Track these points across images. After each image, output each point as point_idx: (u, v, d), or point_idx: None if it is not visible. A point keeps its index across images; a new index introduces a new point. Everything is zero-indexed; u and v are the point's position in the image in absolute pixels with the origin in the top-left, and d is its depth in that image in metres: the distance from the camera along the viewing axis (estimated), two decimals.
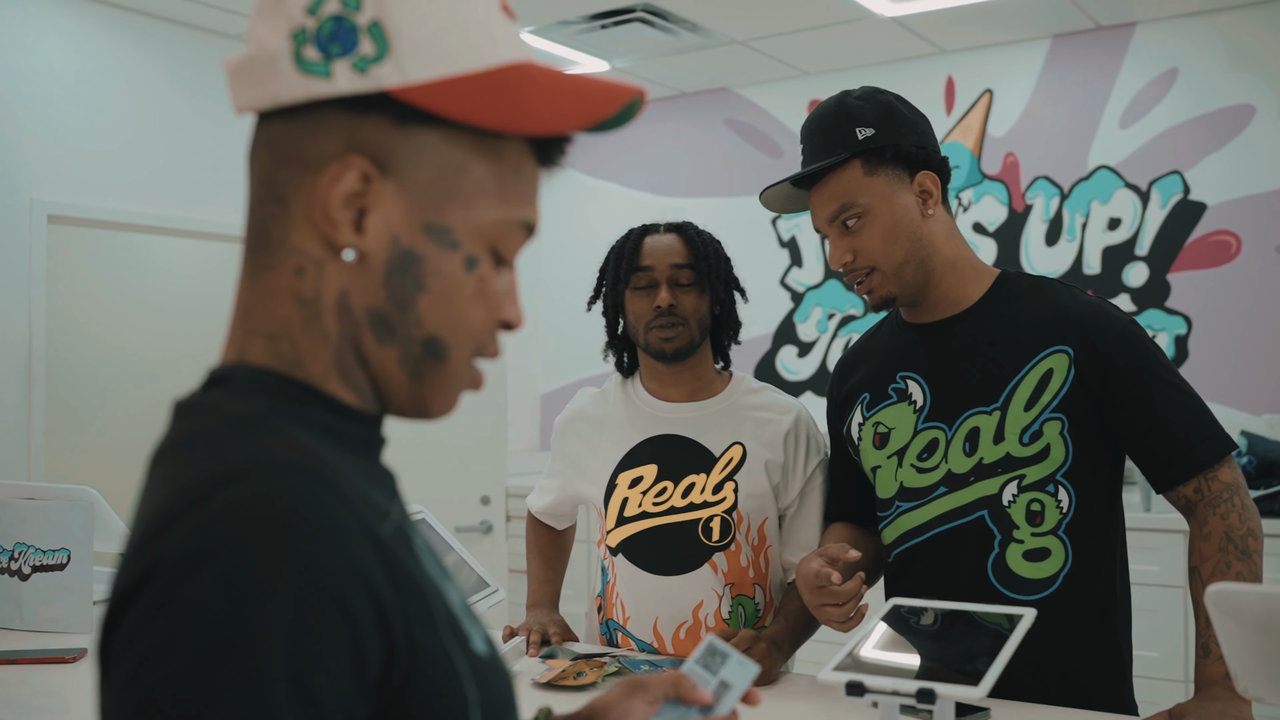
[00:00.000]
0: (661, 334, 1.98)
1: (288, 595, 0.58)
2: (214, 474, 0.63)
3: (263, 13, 0.73)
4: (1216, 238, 4.42)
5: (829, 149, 1.72)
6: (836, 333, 5.29)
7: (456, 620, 0.69)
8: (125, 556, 0.64)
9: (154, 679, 0.57)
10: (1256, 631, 1.13)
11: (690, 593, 1.97)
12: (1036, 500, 1.69)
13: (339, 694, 0.60)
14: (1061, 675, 1.69)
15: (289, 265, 0.72)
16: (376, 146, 0.72)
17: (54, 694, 1.77)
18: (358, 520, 0.64)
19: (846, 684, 1.23)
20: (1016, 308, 1.75)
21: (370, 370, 0.75)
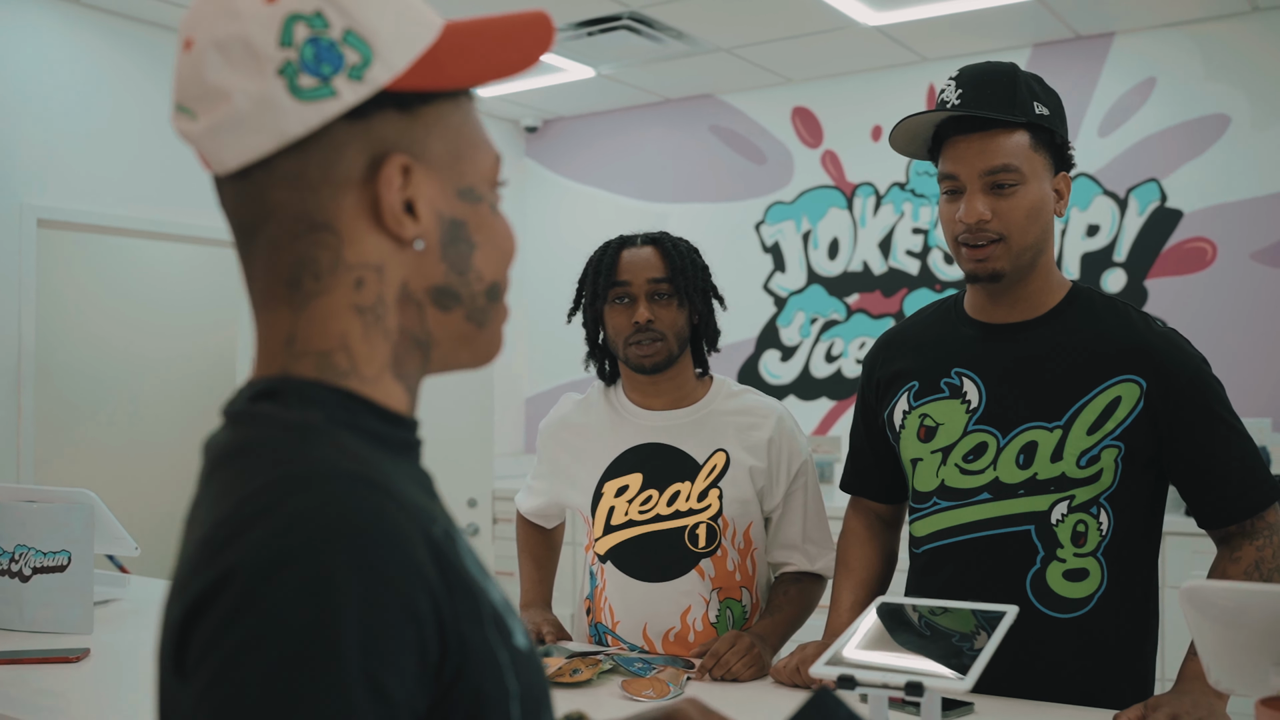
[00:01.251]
0: (640, 350, 2.00)
1: (359, 599, 0.62)
2: (279, 483, 0.66)
3: (230, 68, 0.73)
4: (1192, 244, 4.50)
5: (1006, 106, 1.67)
6: (819, 337, 5.35)
7: (500, 616, 0.73)
8: (193, 564, 0.67)
9: (238, 681, 0.61)
10: (1226, 626, 1.19)
11: (678, 598, 2.01)
12: (1082, 521, 1.70)
13: (407, 689, 0.64)
14: (1084, 694, 1.71)
15: (346, 282, 0.76)
16: (395, 140, 0.76)
17: (55, 693, 1.80)
18: (414, 524, 0.68)
19: (838, 678, 1.28)
20: (1090, 326, 1.73)
21: (434, 345, 0.80)
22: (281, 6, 0.73)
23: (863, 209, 5.27)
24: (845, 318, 5.29)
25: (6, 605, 2.18)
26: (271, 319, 0.78)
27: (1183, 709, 1.49)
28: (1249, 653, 1.19)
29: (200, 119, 0.75)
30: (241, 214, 0.77)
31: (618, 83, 5.46)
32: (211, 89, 0.74)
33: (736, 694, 1.79)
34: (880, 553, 1.98)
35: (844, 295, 5.30)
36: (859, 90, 5.28)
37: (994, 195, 1.67)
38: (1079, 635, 1.70)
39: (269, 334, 0.78)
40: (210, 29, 0.74)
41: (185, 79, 0.76)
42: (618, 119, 5.98)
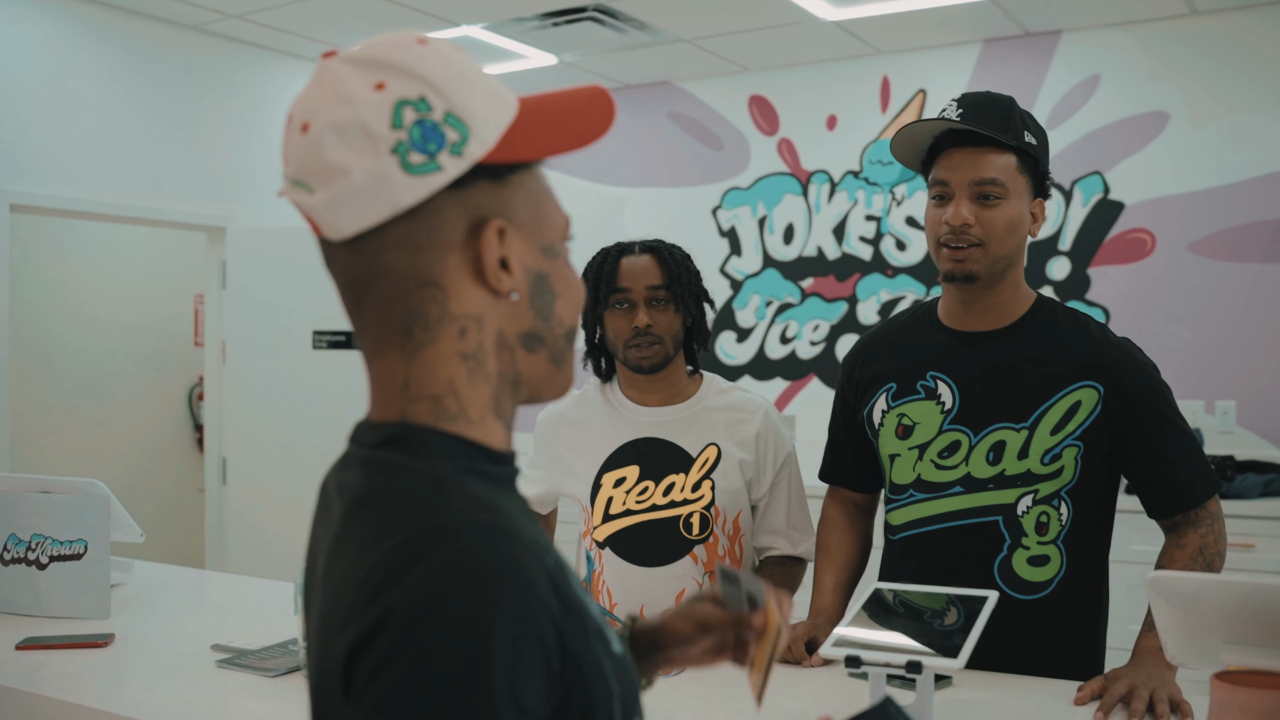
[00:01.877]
0: (639, 352, 2.15)
1: (503, 632, 0.74)
2: (426, 534, 0.78)
3: (347, 148, 0.84)
4: (1133, 235, 4.71)
5: (1003, 128, 1.83)
6: (774, 319, 5.51)
7: (600, 629, 0.86)
8: (351, 605, 0.78)
9: (405, 703, 0.73)
10: (1184, 610, 1.36)
11: (673, 582, 2.15)
12: (1045, 513, 1.88)
13: (539, 703, 0.76)
14: (1044, 666, 1.88)
15: (452, 332, 0.87)
16: (490, 206, 0.88)
17: (72, 676, 1.90)
18: (537, 563, 0.80)
19: (846, 658, 1.43)
20: (1053, 336, 1.90)
21: (522, 384, 0.92)
22: (390, 93, 0.84)
23: (817, 196, 5.43)
24: (800, 301, 5.46)
25: (23, 592, 2.27)
26: (386, 365, 0.89)
27: (1139, 680, 1.67)
28: (1203, 634, 1.36)
29: (318, 193, 0.85)
30: (353, 273, 0.88)
31: (579, 70, 5.56)
32: (331, 166, 0.84)
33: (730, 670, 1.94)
34: (857, 539, 2.15)
35: (799, 279, 5.47)
36: (815, 80, 5.43)
37: (979, 204, 1.84)
38: (1040, 615, 1.88)
39: (385, 378, 0.89)
40: (327, 114, 0.85)
41: (303, 157, 0.86)
42: None
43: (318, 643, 0.84)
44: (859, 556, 2.14)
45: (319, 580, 0.89)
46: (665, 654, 1.19)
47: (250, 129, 5.21)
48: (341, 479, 0.90)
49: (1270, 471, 4.16)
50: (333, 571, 0.84)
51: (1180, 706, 1.61)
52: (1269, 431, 4.44)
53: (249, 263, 5.07)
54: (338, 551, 0.84)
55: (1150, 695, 1.62)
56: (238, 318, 5.08)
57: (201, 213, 4.99)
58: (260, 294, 5.06)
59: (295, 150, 0.87)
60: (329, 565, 0.86)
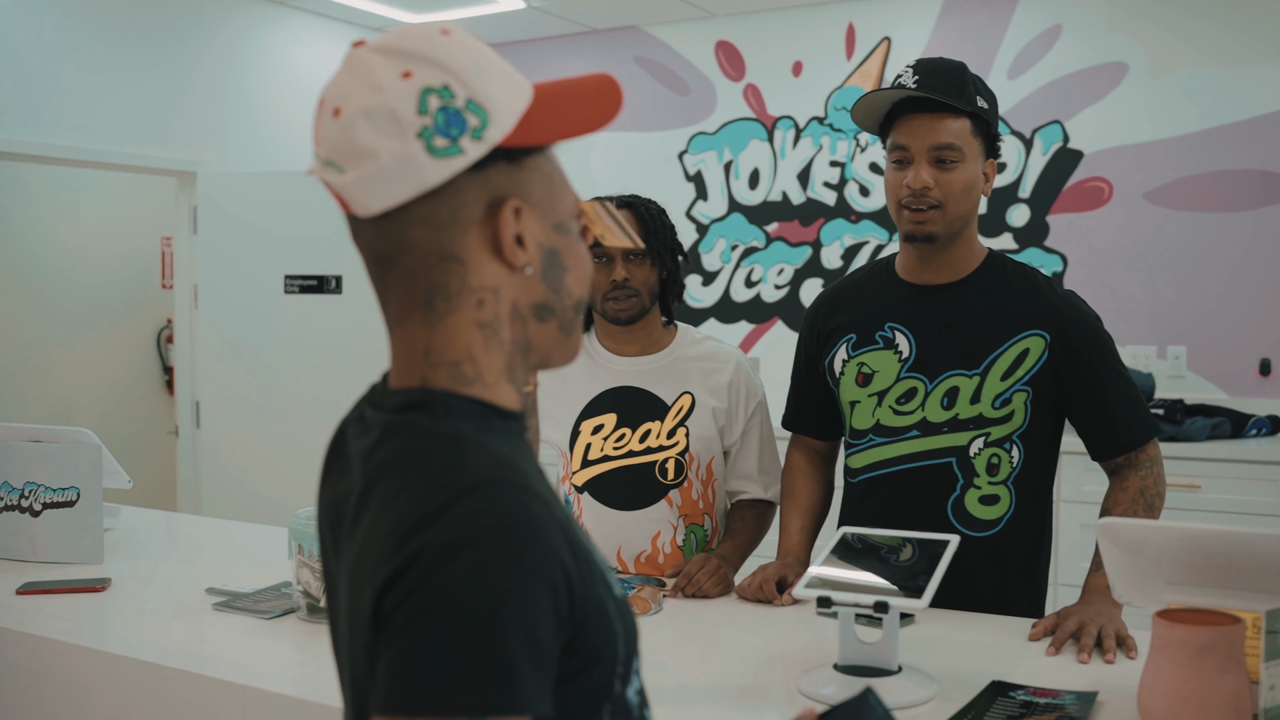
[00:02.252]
0: (616, 305, 2.23)
1: (518, 576, 0.82)
2: (451, 488, 0.85)
3: (377, 132, 0.90)
4: (1091, 183, 4.82)
5: (958, 95, 1.93)
6: (739, 263, 5.59)
7: (604, 574, 0.95)
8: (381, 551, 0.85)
9: (424, 625, 0.80)
10: (1130, 554, 1.47)
11: (649, 525, 2.26)
12: (996, 455, 2.00)
13: (550, 639, 0.84)
14: (993, 599, 2.02)
15: (470, 302, 0.95)
16: (507, 186, 0.95)
17: (73, 619, 1.97)
18: (550, 514, 0.88)
19: (818, 599, 1.54)
20: (1004, 288, 2.02)
21: (533, 351, 1.00)
22: (416, 81, 0.91)
23: (783, 141, 5.49)
24: (765, 245, 5.54)
25: (17, 538, 2.33)
26: (409, 334, 0.96)
27: (1088, 617, 1.79)
28: (1148, 575, 1.47)
29: (348, 173, 0.92)
30: (379, 248, 0.95)
31: (547, 14, 5.55)
32: (361, 149, 0.91)
33: (707, 609, 2.05)
34: (820, 483, 2.27)
35: (764, 224, 5.54)
36: (781, 26, 5.47)
37: (937, 168, 1.94)
38: (990, 551, 2.01)
39: (407, 346, 0.97)
40: (358, 100, 0.92)
41: (335, 140, 0.93)
42: (545, 48, 6.08)
43: (350, 593, 0.92)
44: (823, 500, 2.26)
45: (344, 539, 0.96)
46: None
47: (221, 74, 5.18)
48: (364, 442, 0.97)
49: (1217, 415, 4.32)
50: (359, 527, 0.91)
51: (1125, 641, 1.73)
52: (1218, 376, 4.60)
53: (220, 207, 5.07)
54: (365, 511, 0.91)
55: (1099, 631, 1.75)
56: (209, 262, 5.09)
57: (172, 158, 4.97)
58: (231, 238, 5.06)
59: (327, 133, 0.93)
60: (356, 522, 0.93)
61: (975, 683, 1.59)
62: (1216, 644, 1.30)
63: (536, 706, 0.82)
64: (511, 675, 0.81)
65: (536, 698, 0.82)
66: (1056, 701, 1.49)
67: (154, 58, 4.90)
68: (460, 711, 0.79)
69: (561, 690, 0.89)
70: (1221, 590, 1.43)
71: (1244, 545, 1.38)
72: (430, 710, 0.79)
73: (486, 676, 0.80)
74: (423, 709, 0.79)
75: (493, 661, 0.80)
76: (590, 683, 0.93)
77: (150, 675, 1.74)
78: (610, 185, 5.85)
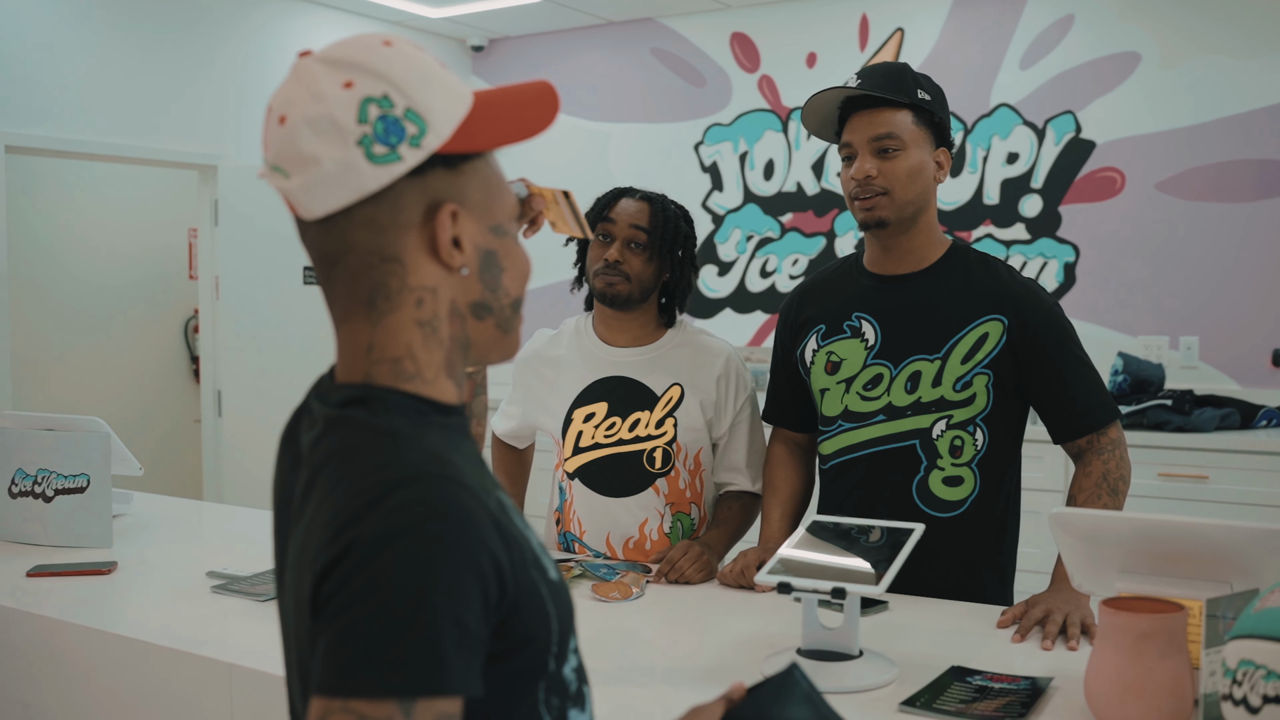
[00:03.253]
0: (603, 280, 2.29)
1: (443, 563, 0.88)
2: (384, 481, 0.90)
3: (319, 139, 0.95)
4: (1103, 174, 4.82)
5: (894, 90, 2.02)
6: (754, 253, 5.62)
7: (538, 559, 1.00)
8: (320, 542, 0.91)
9: (357, 611, 0.86)
10: (1084, 543, 1.51)
11: (637, 512, 2.31)
12: (959, 437, 2.06)
13: (477, 624, 0.90)
14: (959, 581, 2.08)
15: (410, 301, 1.00)
16: (444, 191, 1.00)
17: (79, 601, 2.04)
18: (480, 505, 0.93)
19: (778, 584, 1.59)
20: (964, 276, 2.09)
21: (471, 348, 1.05)
22: (357, 91, 0.97)
23: (797, 132, 5.51)
24: (779, 236, 5.57)
25: (31, 523, 2.42)
26: (352, 331, 1.02)
27: (1054, 605, 1.83)
28: (1101, 564, 1.51)
29: (293, 178, 0.98)
30: (324, 249, 1.01)
31: (562, 6, 5.60)
32: (305, 155, 0.96)
33: (689, 594, 2.10)
34: (800, 474, 2.32)
35: (778, 214, 5.57)
36: (795, 18, 5.49)
37: (880, 158, 2.03)
38: (954, 532, 2.07)
39: (351, 342, 1.02)
40: (302, 108, 0.97)
41: (280, 146, 0.98)
42: (562, 40, 6.13)
43: (294, 578, 0.98)
44: (802, 490, 2.31)
45: (292, 524, 1.02)
46: None
47: (241, 68, 5.27)
48: (310, 435, 1.03)
49: (1227, 405, 4.32)
50: (304, 515, 0.98)
51: (1089, 629, 1.77)
52: (1230, 367, 4.60)
53: (241, 200, 5.16)
54: (309, 500, 0.97)
55: (1064, 619, 1.78)
56: (231, 254, 5.19)
57: (193, 151, 5.06)
58: (253, 230, 5.16)
59: (274, 139, 0.99)
60: (301, 509, 0.99)
61: (936, 667, 1.63)
62: (1157, 631, 1.34)
63: (464, 688, 0.88)
64: (439, 659, 0.86)
65: (464, 680, 0.88)
66: (1011, 686, 1.53)
67: (175, 52, 4.99)
68: (389, 693, 0.84)
69: (496, 669, 0.95)
70: (1172, 579, 1.46)
71: (1194, 535, 1.42)
72: (361, 692, 0.84)
73: (415, 660, 0.85)
74: (354, 691, 0.84)
75: (421, 646, 0.85)
76: (525, 661, 0.98)
77: (144, 654, 1.81)
78: (626, 176, 5.90)
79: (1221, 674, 1.18)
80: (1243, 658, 1.14)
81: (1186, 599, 1.43)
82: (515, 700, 0.98)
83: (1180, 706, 1.34)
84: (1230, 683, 1.15)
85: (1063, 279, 4.89)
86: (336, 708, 0.84)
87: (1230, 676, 1.16)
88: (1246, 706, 1.12)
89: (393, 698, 0.84)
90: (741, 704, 1.10)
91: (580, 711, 1.06)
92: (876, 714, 1.48)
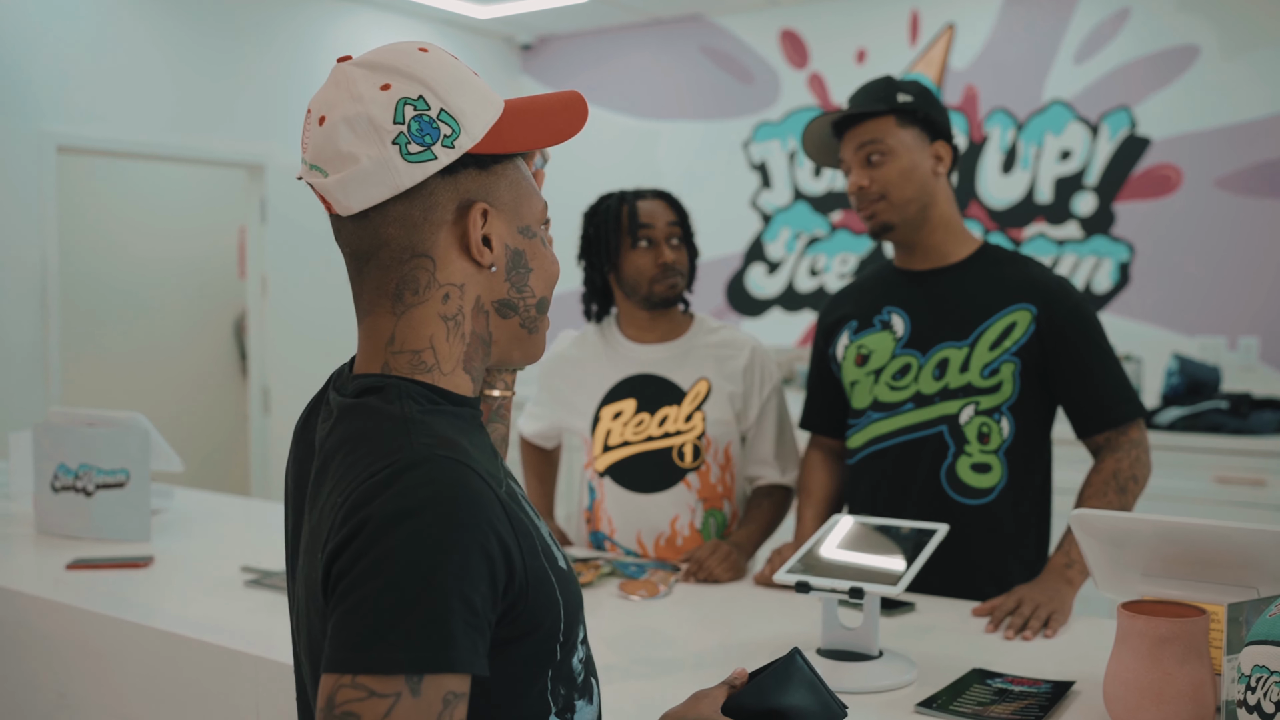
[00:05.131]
0: (664, 285, 2.30)
1: (454, 544, 0.89)
2: (396, 465, 0.92)
3: (357, 138, 0.99)
4: (1160, 171, 4.72)
5: (872, 101, 2.06)
6: (804, 252, 5.59)
7: (549, 546, 1.01)
8: (333, 524, 0.92)
9: (367, 588, 0.87)
10: (1106, 545, 1.47)
11: (668, 508, 2.30)
12: (986, 424, 2.05)
13: (484, 604, 0.91)
14: (990, 574, 2.05)
15: (437, 296, 1.02)
16: (476, 190, 1.03)
17: (115, 594, 2.08)
18: (489, 489, 0.94)
19: (796, 583, 1.57)
20: (994, 270, 2.10)
21: (494, 345, 1.07)
22: (394, 93, 1.00)
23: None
24: (828, 234, 5.53)
25: (74, 517, 2.47)
26: (377, 323, 1.04)
27: (1030, 595, 1.83)
28: (1123, 567, 1.48)
29: (331, 176, 1.01)
30: (358, 244, 1.04)
31: (611, 4, 5.61)
32: (343, 153, 1.00)
33: (716, 593, 2.09)
34: (835, 479, 2.31)
35: (827, 212, 5.53)
36: (844, 14, 5.44)
37: (870, 167, 2.06)
38: (984, 520, 2.06)
39: (374, 334, 1.05)
40: (341, 109, 1.00)
41: (320, 145, 1.01)
42: (610, 38, 6.13)
43: (306, 563, 1.00)
44: (836, 494, 2.30)
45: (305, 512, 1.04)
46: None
47: (289, 68, 5.34)
48: (325, 425, 1.05)
49: None
50: (317, 502, 1.00)
51: (1050, 622, 1.78)
52: None
53: (289, 199, 5.23)
54: (322, 487, 1.00)
55: (1032, 611, 1.79)
56: (279, 252, 5.26)
57: (242, 150, 5.14)
58: (301, 229, 5.23)
59: (313, 139, 1.02)
60: (314, 497, 1.01)
61: (958, 669, 1.61)
62: (1177, 635, 1.31)
63: (470, 665, 0.89)
64: (446, 636, 0.87)
65: (471, 658, 0.89)
66: (1031, 690, 1.51)
67: (224, 53, 5.06)
68: (397, 668, 0.86)
69: (504, 654, 0.96)
70: (1196, 583, 1.43)
71: (1218, 539, 1.38)
72: (370, 668, 0.86)
73: (423, 637, 0.86)
74: (363, 667, 0.86)
75: (429, 623, 0.87)
76: (532, 648, 0.99)
77: (174, 646, 1.84)
78: (674, 174, 5.89)
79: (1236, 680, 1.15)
80: (1256, 663, 1.11)
81: (1210, 603, 1.39)
82: (522, 687, 0.99)
83: (1201, 713, 1.31)
84: (1244, 689, 1.12)
85: (1117, 278, 4.80)
86: (346, 683, 0.86)
87: (1244, 682, 1.12)
88: (1260, 713, 1.09)
89: (401, 673, 0.86)
90: (744, 689, 1.10)
91: (588, 703, 1.07)
92: (893, 714, 1.46)
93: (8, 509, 2.80)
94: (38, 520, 2.53)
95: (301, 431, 1.13)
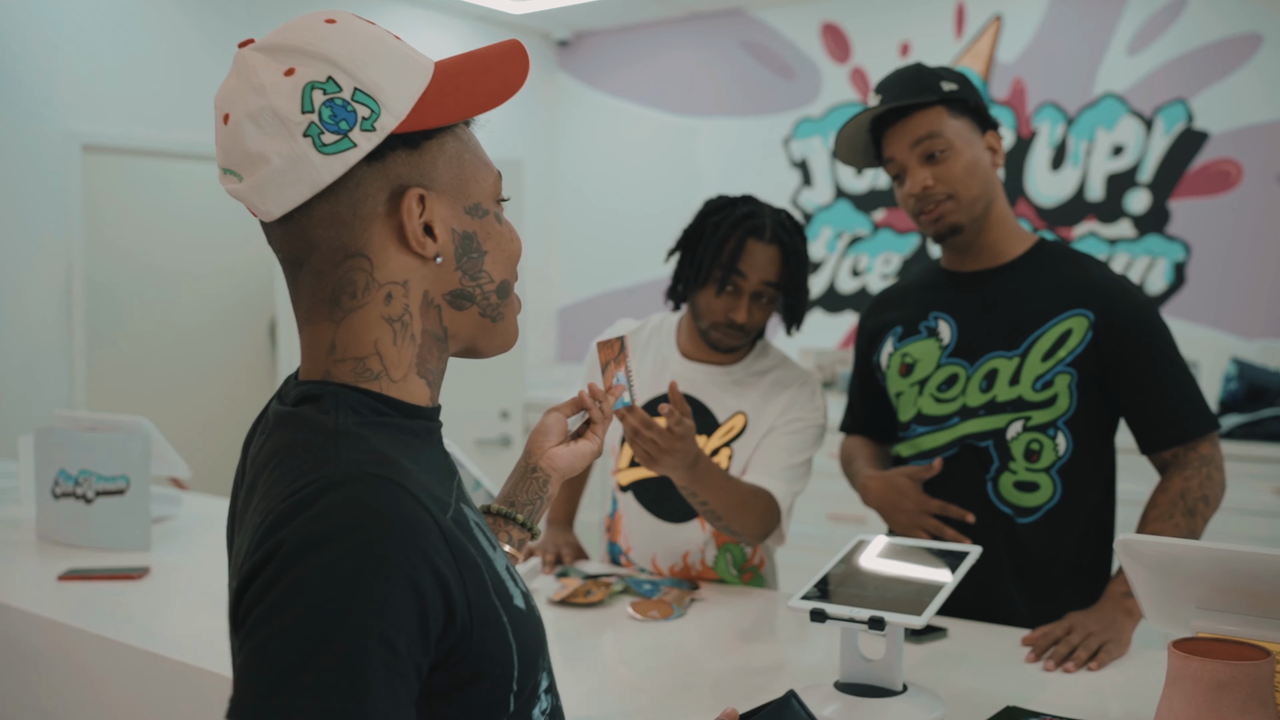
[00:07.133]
0: (722, 337, 2.08)
1: (374, 575, 0.77)
2: (317, 483, 0.81)
3: (264, 135, 0.87)
4: (1218, 166, 4.52)
5: (917, 91, 1.87)
6: (845, 252, 5.43)
7: (502, 583, 0.88)
8: (250, 546, 0.82)
9: (274, 626, 0.76)
10: (1155, 574, 1.33)
11: (680, 541, 2.15)
12: (1037, 440, 1.89)
13: (410, 647, 0.78)
14: (1032, 598, 1.89)
15: (379, 297, 0.90)
16: (408, 174, 0.90)
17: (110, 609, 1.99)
18: (428, 515, 0.82)
19: (811, 611, 1.44)
20: (1049, 271, 1.93)
21: (452, 340, 0.96)
22: (299, 77, 0.87)
23: None
24: (871, 234, 5.37)
25: (73, 524, 2.38)
26: (316, 331, 0.93)
27: (1083, 623, 1.68)
28: (1175, 598, 1.33)
29: (245, 179, 0.89)
30: (288, 249, 0.92)
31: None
32: (252, 155, 0.88)
33: (730, 614, 1.96)
34: (878, 452, 2.18)
35: (870, 211, 5.37)
36: (887, 6, 5.28)
37: (930, 164, 1.89)
38: (1026, 537, 1.90)
39: (314, 343, 0.93)
40: (243, 104, 0.88)
41: (227, 148, 0.89)
42: (648, 33, 6.01)
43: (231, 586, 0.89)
44: (886, 456, 2.18)
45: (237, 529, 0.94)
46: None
47: None
48: (260, 436, 0.94)
49: None
50: (245, 522, 0.89)
51: (1099, 656, 1.63)
52: None
53: None
54: (249, 504, 0.89)
55: (1082, 639, 1.65)
56: None
57: None
58: None
59: (221, 141, 0.90)
60: (242, 514, 0.91)
61: (990, 705, 1.47)
62: (1237, 680, 1.16)
63: (389, 717, 0.77)
64: (361, 685, 0.75)
65: (390, 709, 0.77)
66: None
67: None
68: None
69: (446, 703, 0.84)
70: (1257, 619, 1.28)
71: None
72: (273, 719, 0.74)
73: (333, 684, 0.75)
74: (265, 716, 0.74)
75: (341, 669, 0.75)
76: (478, 697, 0.87)
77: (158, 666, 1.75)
78: (713, 173, 5.76)
79: None
80: None
81: (1275, 643, 1.24)
82: None
83: None
84: None
85: (1172, 279, 4.60)
86: None
87: None
88: None
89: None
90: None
91: None
92: None
93: (15, 514, 2.73)
94: (38, 527, 2.46)
95: (244, 449, 1.02)
